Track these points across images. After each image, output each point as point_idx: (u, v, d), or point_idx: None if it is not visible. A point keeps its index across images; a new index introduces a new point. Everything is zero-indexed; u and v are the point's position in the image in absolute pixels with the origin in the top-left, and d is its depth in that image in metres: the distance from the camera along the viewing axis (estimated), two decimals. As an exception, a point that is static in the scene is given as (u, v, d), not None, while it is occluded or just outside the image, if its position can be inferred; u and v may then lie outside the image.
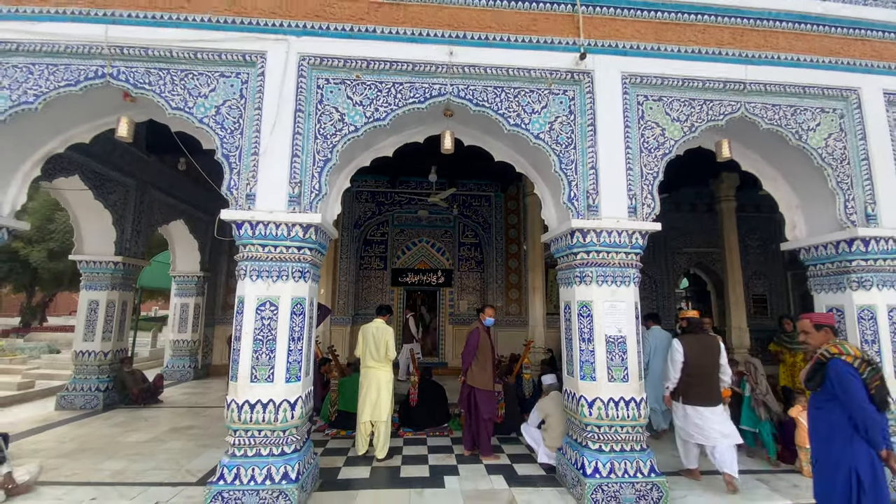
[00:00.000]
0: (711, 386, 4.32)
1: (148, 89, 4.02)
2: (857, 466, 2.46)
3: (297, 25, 4.18)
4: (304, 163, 3.99)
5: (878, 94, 4.71)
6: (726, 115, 4.45)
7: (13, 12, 4.09)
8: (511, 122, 4.23)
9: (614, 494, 3.77)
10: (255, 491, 3.57)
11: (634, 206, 4.17)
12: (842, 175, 4.52)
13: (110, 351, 7.46)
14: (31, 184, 4.60)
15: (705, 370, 4.32)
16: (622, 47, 4.43)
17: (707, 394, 4.27)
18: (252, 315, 3.79)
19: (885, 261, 4.44)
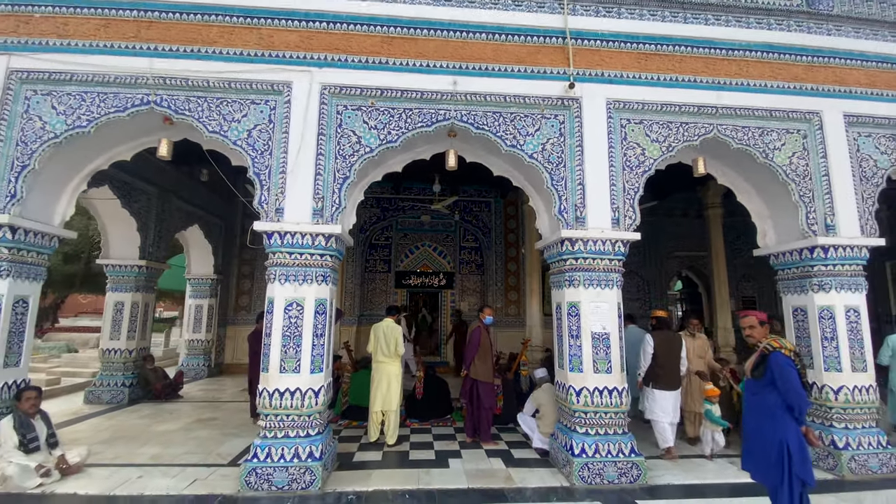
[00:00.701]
0: (674, 374, 5.20)
1: (188, 115, 4.56)
2: (788, 441, 2.98)
3: (318, 58, 4.72)
4: (326, 180, 4.53)
5: (839, 116, 5.25)
6: (700, 136, 4.99)
7: (66, 45, 4.63)
8: (508, 144, 4.77)
9: (599, 472, 4.30)
10: (285, 468, 4.09)
11: (617, 217, 4.71)
12: (804, 189, 5.06)
13: (134, 349, 7.99)
14: (78, 197, 5.12)
15: (670, 361, 5.18)
16: (607, 76, 4.97)
17: (671, 380, 5.17)
18: (281, 314, 4.32)
19: (843, 266, 4.98)
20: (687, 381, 5.48)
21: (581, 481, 4.27)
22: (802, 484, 2.98)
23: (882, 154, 5.28)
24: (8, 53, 4.57)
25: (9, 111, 4.45)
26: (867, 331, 4.95)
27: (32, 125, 4.45)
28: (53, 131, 4.45)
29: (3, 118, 4.42)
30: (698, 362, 5.57)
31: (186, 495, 4.03)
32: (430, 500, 3.96)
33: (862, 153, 5.24)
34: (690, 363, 5.45)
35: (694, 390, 5.50)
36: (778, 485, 3.00)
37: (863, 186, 5.16)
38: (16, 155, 4.40)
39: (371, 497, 4.03)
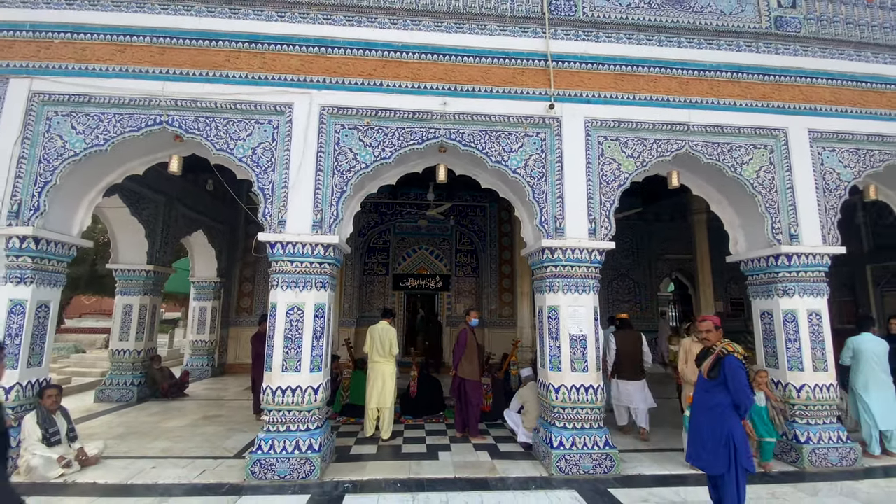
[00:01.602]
0: (635, 367, 6.06)
1: (197, 133, 4.94)
2: (734, 435, 3.36)
3: (318, 80, 5.10)
4: (325, 194, 4.91)
5: (804, 132, 5.62)
6: (673, 151, 5.36)
7: (85, 69, 5.02)
8: (493, 160, 5.14)
9: (575, 463, 4.67)
10: (287, 459, 4.47)
11: (594, 228, 5.08)
12: (770, 201, 5.43)
13: (142, 350, 8.36)
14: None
15: (630, 356, 6.10)
16: (586, 96, 5.35)
17: (632, 372, 6.06)
18: (283, 318, 4.70)
19: (806, 273, 5.34)
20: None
21: (559, 472, 4.64)
22: (745, 470, 3.36)
23: (845, 167, 5.65)
24: (30, 77, 4.95)
25: (32, 131, 4.83)
26: (828, 333, 5.31)
27: (54, 144, 4.83)
28: (73, 149, 4.83)
29: (27, 137, 4.80)
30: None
31: (197, 484, 4.40)
32: (419, 488, 4.33)
33: (826, 166, 5.61)
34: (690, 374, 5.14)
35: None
36: (724, 472, 3.37)
37: (826, 198, 5.53)
38: (39, 171, 4.78)
39: (365, 485, 4.40)
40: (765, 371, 5.30)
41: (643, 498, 4.16)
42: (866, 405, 5.45)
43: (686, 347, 5.41)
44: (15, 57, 5.00)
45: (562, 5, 5.48)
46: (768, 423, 5.03)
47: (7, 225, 4.64)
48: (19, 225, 4.66)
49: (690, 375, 5.16)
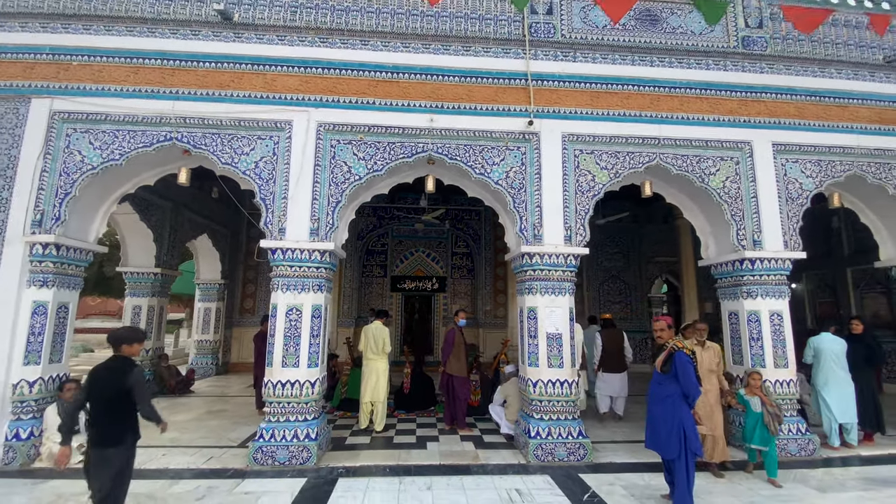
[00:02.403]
0: (617, 360, 6.95)
1: (204, 149, 5.37)
2: (685, 422, 3.77)
3: (315, 99, 5.54)
4: (321, 204, 5.34)
5: (768, 145, 6.03)
6: (644, 163, 5.77)
7: (101, 89, 5.46)
8: (477, 172, 5.56)
9: (550, 451, 5.09)
10: (286, 446, 4.89)
11: (570, 235, 5.49)
12: (735, 209, 5.83)
13: (151, 349, 8.81)
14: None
15: (614, 351, 6.97)
16: (563, 112, 5.77)
17: (615, 365, 6.94)
18: (283, 318, 5.13)
19: (768, 276, 5.75)
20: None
21: (536, 459, 5.06)
22: (694, 455, 3.77)
23: (808, 178, 6.05)
24: (51, 97, 5.40)
25: (53, 147, 5.27)
26: (790, 332, 5.71)
27: (73, 159, 5.27)
28: (91, 164, 5.27)
29: (49, 153, 5.25)
30: (707, 377, 4.89)
31: (204, 468, 4.84)
32: (407, 473, 4.75)
33: (789, 177, 6.01)
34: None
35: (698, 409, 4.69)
36: (676, 457, 3.78)
37: (789, 206, 5.93)
38: (59, 184, 5.22)
39: (357, 470, 4.82)
40: (758, 374, 5.10)
41: (610, 482, 4.57)
42: (825, 400, 5.84)
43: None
44: (36, 78, 5.45)
45: (541, 28, 5.91)
46: (763, 428, 4.78)
47: (31, 233, 5.08)
48: (42, 233, 5.10)
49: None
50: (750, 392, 5.00)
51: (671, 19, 6.21)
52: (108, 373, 3.26)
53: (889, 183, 6.17)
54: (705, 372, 4.87)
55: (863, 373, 5.98)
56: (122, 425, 3.25)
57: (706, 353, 5.07)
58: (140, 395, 3.27)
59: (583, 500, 4.11)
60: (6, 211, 5.13)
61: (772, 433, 4.76)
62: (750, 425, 4.90)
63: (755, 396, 4.95)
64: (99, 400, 3.22)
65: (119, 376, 3.23)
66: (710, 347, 5.15)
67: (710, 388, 4.91)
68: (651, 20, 6.17)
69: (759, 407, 4.88)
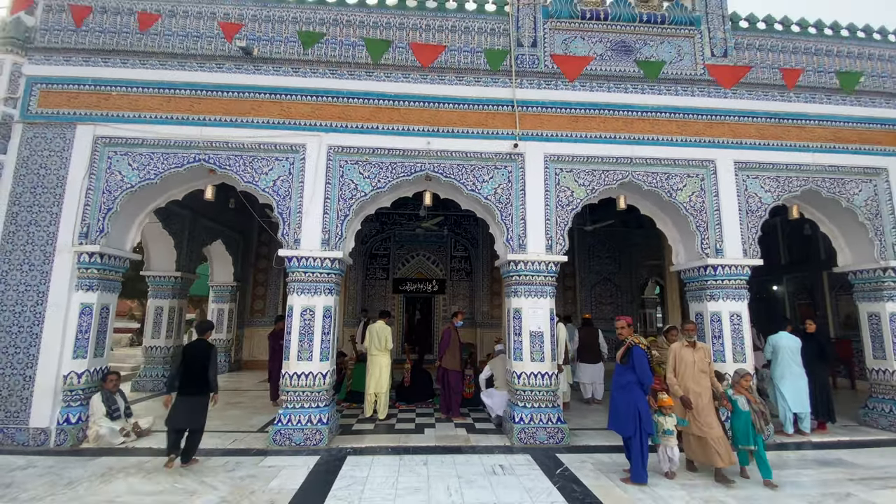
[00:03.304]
0: (592, 353, 8.09)
1: (228, 169, 6.11)
2: (639, 405, 4.47)
3: (326, 125, 6.27)
4: (331, 218, 6.06)
5: (730, 163, 6.71)
6: (618, 180, 6.48)
7: (137, 116, 6.20)
8: (469, 188, 6.28)
9: (532, 435, 5.80)
10: (301, 429, 5.62)
11: (550, 245, 6.20)
12: (700, 221, 6.53)
13: (171, 346, 9.56)
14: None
15: (591, 346, 8.14)
16: (545, 135, 6.48)
17: (592, 357, 8.13)
18: (298, 317, 5.85)
19: (729, 280, 6.44)
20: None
21: (519, 442, 5.77)
22: (649, 435, 4.48)
23: (766, 192, 6.74)
24: (94, 123, 6.15)
25: (96, 167, 6.02)
26: (748, 331, 6.40)
27: (114, 178, 6.02)
28: (129, 182, 6.01)
29: (93, 173, 6.00)
30: (700, 379, 4.83)
31: (230, 448, 5.57)
32: (406, 452, 5.47)
33: (749, 191, 6.70)
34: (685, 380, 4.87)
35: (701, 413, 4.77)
36: (632, 434, 4.49)
37: (749, 218, 6.62)
38: (102, 200, 5.97)
39: (363, 450, 5.54)
40: (749, 374, 5.01)
41: (582, 460, 5.27)
42: (781, 392, 6.53)
43: (675, 352, 5.03)
44: (80, 106, 6.20)
45: (526, 59, 6.63)
46: (751, 428, 4.71)
47: (79, 243, 5.83)
48: (88, 244, 5.85)
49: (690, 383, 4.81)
50: (737, 391, 4.89)
51: (644, 49, 6.91)
52: (197, 350, 5.12)
53: (842, 197, 6.85)
54: (697, 373, 4.83)
55: (816, 367, 6.67)
56: (206, 383, 5.04)
57: (697, 353, 4.94)
58: (213, 367, 5.09)
59: (555, 473, 4.82)
60: (56, 224, 5.88)
61: (758, 431, 4.71)
62: (741, 426, 4.75)
63: (741, 395, 4.85)
64: (192, 367, 5.01)
65: (205, 352, 5.10)
66: (700, 348, 5.00)
67: (701, 391, 4.81)
68: (626, 50, 6.88)
69: (745, 406, 4.78)
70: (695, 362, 4.88)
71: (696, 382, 4.83)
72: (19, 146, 6.07)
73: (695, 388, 4.81)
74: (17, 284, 5.77)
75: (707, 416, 4.74)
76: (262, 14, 6.51)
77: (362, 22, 6.56)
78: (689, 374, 4.86)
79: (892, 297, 6.82)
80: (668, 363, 5.07)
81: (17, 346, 5.65)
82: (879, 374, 6.92)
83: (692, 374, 4.84)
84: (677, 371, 4.95)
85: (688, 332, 5.21)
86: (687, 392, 4.80)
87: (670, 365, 5.03)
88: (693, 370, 4.84)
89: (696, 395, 4.78)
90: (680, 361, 4.96)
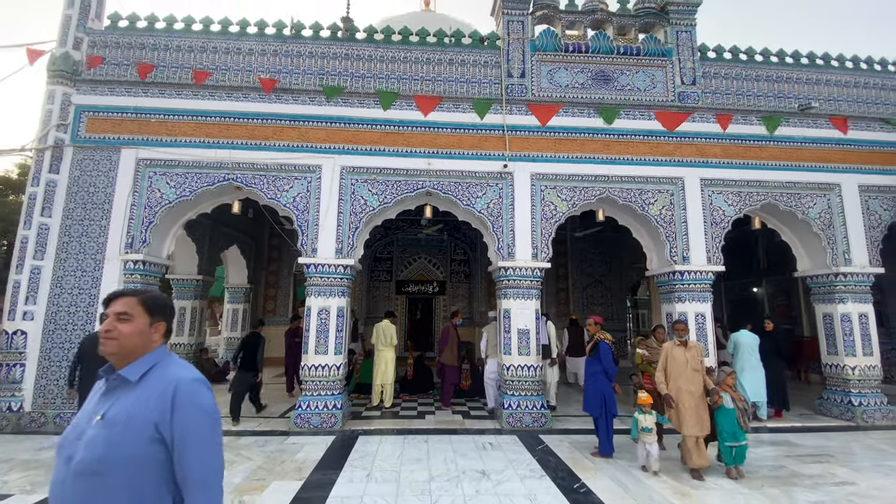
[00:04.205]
0: (579, 347, 8.34)
1: (254, 187, 6.98)
2: (605, 391, 5.33)
3: (339, 147, 7.13)
4: (344, 229, 6.93)
5: (697, 180, 7.56)
6: (597, 196, 7.33)
7: (174, 141, 7.08)
8: (464, 203, 7.15)
9: (519, 419, 6.66)
10: (318, 414, 6.49)
11: (536, 253, 7.06)
12: (669, 232, 7.38)
13: (194, 343, 10.44)
14: (175, 237, 7.58)
15: (578, 342, 8.55)
16: (532, 156, 7.34)
17: (578, 351, 8.79)
18: (315, 317, 6.72)
19: (694, 285, 7.28)
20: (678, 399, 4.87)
21: (508, 425, 6.63)
22: (613, 415, 5.34)
23: (729, 206, 7.58)
24: (136, 147, 7.02)
25: (139, 186, 6.90)
26: (711, 330, 7.25)
27: (154, 195, 6.89)
28: (168, 199, 6.89)
29: (136, 191, 6.88)
30: (693, 378, 4.81)
31: (257, 430, 6.45)
32: (409, 433, 6.34)
33: (714, 205, 7.55)
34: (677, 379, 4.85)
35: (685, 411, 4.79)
36: (599, 415, 5.35)
37: (713, 230, 7.47)
38: (144, 215, 6.84)
39: (372, 432, 6.41)
40: (734, 373, 5.14)
41: (560, 440, 6.13)
42: (741, 383, 7.32)
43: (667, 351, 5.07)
44: (124, 132, 7.08)
45: (515, 89, 7.49)
46: (736, 424, 4.78)
47: (125, 253, 6.71)
48: (133, 253, 6.73)
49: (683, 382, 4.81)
50: (722, 389, 4.91)
51: (621, 78, 7.76)
52: (252, 338, 7.23)
53: (798, 210, 7.69)
54: (690, 372, 4.80)
55: (772, 362, 7.52)
56: (256, 364, 6.99)
57: (690, 352, 4.93)
58: (261, 353, 7.10)
59: (536, 449, 5.68)
60: (105, 235, 6.77)
61: (742, 428, 4.78)
62: (729, 424, 4.79)
63: (727, 394, 4.88)
64: (248, 351, 7.07)
65: (257, 340, 7.18)
66: (693, 347, 4.98)
67: (694, 390, 4.77)
68: (605, 79, 7.73)
69: (731, 404, 4.82)
70: (687, 361, 4.85)
71: (689, 381, 4.79)
72: (70, 167, 6.95)
73: (688, 388, 4.77)
74: (70, 288, 6.65)
75: (703, 414, 4.75)
76: (282, 49, 7.38)
77: (370, 56, 7.43)
78: (681, 373, 4.83)
79: (843, 300, 7.65)
80: (660, 362, 5.09)
81: (72, 342, 6.52)
82: (832, 368, 7.75)
83: (685, 373, 4.80)
84: (668, 370, 4.96)
85: (678, 331, 5.16)
86: (678, 391, 4.79)
87: (661, 363, 5.04)
88: (686, 369, 4.81)
89: (689, 395, 4.74)
90: (671, 360, 4.96)
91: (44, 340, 6.51)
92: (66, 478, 1.32)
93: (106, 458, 1.31)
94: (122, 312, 1.47)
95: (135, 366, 1.45)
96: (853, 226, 7.75)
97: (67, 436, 1.39)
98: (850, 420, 7.24)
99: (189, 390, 1.42)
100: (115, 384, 1.45)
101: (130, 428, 1.34)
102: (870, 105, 8.26)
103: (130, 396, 1.40)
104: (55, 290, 6.62)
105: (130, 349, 1.46)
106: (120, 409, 1.38)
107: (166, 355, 1.53)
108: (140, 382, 1.43)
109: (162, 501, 1.35)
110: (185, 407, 1.39)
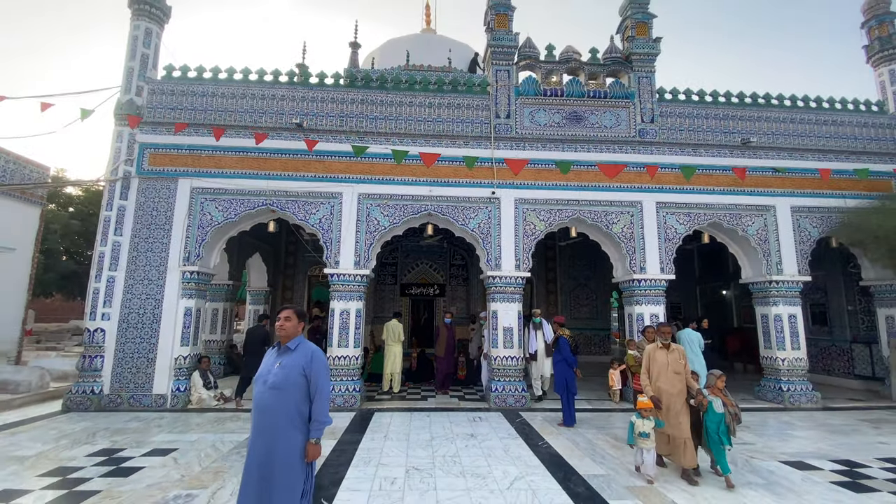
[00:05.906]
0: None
1: (287, 210, 8.52)
2: (566, 376, 6.86)
3: (356, 177, 8.67)
4: (361, 245, 8.47)
5: (653, 203, 9.09)
6: (569, 216, 8.87)
7: (220, 172, 8.62)
8: (460, 223, 8.69)
9: (504, 400, 8.20)
10: (342, 395, 8.03)
11: (518, 264, 8.60)
12: (629, 246, 8.91)
13: (225, 340, 11.99)
14: (219, 251, 9.14)
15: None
16: (516, 184, 8.87)
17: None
18: (338, 317, 8.26)
19: (650, 290, 8.82)
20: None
21: (494, 404, 8.17)
22: (573, 395, 6.89)
23: (680, 224, 9.11)
24: (190, 178, 8.56)
25: (193, 210, 8.44)
26: (664, 327, 8.76)
27: (206, 218, 8.43)
28: (216, 221, 8.43)
29: (190, 214, 8.42)
30: (674, 380, 4.79)
31: (293, 408, 7.99)
32: (415, 411, 7.88)
33: (667, 224, 9.07)
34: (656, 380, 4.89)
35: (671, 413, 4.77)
36: (563, 394, 6.89)
37: (666, 244, 8.99)
38: (197, 234, 8.38)
39: (384, 410, 7.95)
40: (724, 375, 4.99)
41: (535, 415, 7.67)
42: (689, 371, 8.88)
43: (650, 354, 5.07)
44: (179, 165, 8.62)
45: (502, 127, 9.03)
46: (724, 428, 4.71)
47: (183, 265, 8.25)
48: (189, 265, 8.27)
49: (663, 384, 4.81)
50: (713, 393, 4.84)
51: (591, 118, 9.30)
52: (258, 329, 8.42)
53: (739, 227, 9.22)
54: (671, 374, 4.78)
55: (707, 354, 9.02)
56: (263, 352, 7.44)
57: (671, 354, 4.91)
58: (268, 342, 7.62)
59: (515, 421, 7.22)
60: (167, 251, 8.31)
61: (731, 433, 4.75)
62: (715, 427, 4.71)
63: (717, 397, 4.80)
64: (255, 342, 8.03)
65: (264, 333, 8.35)
66: (674, 350, 4.96)
67: (675, 393, 4.76)
68: (577, 119, 9.27)
69: (721, 408, 4.74)
70: (668, 364, 4.85)
71: (669, 384, 4.79)
72: (136, 194, 8.49)
73: (668, 389, 4.78)
74: (140, 294, 8.19)
75: (680, 416, 4.72)
76: (308, 95, 8.92)
77: (382, 101, 8.97)
78: (662, 374, 4.86)
79: (776, 303, 9.17)
80: (643, 364, 5.09)
81: (142, 338, 8.07)
82: (768, 360, 9.27)
83: (665, 375, 4.83)
84: (651, 372, 4.98)
85: (662, 333, 5.14)
86: (659, 393, 4.81)
87: (644, 366, 5.06)
88: (667, 371, 4.83)
89: (668, 396, 4.77)
90: (653, 362, 4.99)
91: (118, 336, 8.06)
92: (264, 391, 2.87)
93: (283, 382, 2.86)
94: (287, 317, 3.02)
95: (292, 342, 3.01)
96: (785, 241, 9.27)
97: (262, 372, 2.94)
98: (780, 403, 8.76)
99: (316, 353, 2.97)
100: (284, 350, 3.00)
101: (293, 369, 2.89)
102: (803, 138, 9.77)
103: (291, 356, 2.96)
104: (127, 295, 8.17)
105: (291, 334, 3.01)
106: (287, 361, 2.93)
107: (303, 339, 3.08)
108: (295, 350, 2.98)
109: (306, 404, 2.90)
110: (315, 360, 2.94)
